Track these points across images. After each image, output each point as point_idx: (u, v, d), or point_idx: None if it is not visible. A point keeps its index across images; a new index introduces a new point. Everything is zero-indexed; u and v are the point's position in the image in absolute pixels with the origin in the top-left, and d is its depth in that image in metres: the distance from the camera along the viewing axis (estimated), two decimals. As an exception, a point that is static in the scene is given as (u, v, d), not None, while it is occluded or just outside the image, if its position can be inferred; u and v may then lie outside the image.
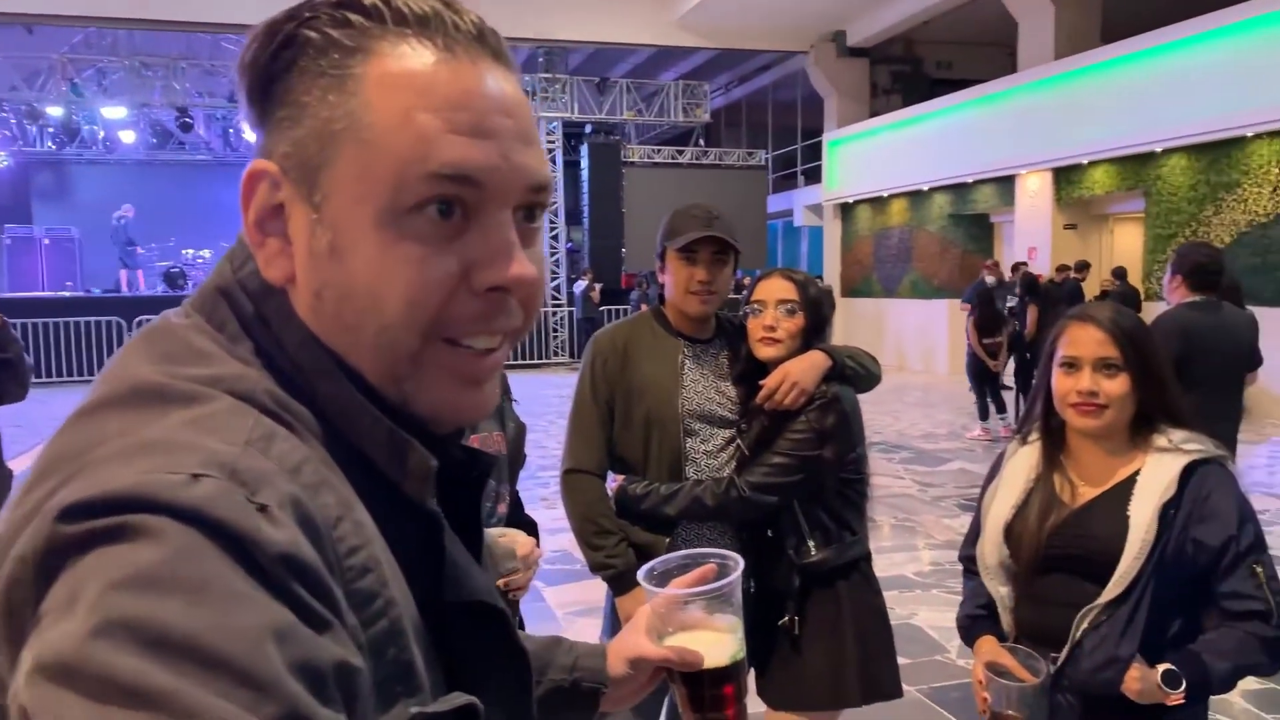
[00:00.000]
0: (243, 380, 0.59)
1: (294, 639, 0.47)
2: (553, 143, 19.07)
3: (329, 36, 0.60)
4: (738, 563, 0.96)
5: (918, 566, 5.46)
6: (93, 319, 15.41)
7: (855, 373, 2.24)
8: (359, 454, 0.62)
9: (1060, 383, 1.80)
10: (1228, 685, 1.71)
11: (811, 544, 2.17)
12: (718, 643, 0.94)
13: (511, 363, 17.37)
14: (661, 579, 0.98)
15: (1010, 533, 1.85)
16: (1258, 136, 10.90)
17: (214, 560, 0.47)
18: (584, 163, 19.37)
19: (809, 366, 2.15)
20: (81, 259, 19.06)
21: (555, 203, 19.04)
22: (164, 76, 17.61)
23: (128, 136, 19.55)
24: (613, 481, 2.27)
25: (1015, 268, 11.21)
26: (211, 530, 0.48)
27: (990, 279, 10.22)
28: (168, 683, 0.43)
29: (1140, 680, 1.66)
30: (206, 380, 0.58)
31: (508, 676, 0.70)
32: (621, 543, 2.19)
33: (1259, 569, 1.69)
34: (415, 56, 0.60)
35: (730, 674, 0.94)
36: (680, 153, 20.48)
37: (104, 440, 0.53)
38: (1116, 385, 1.75)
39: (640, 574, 0.99)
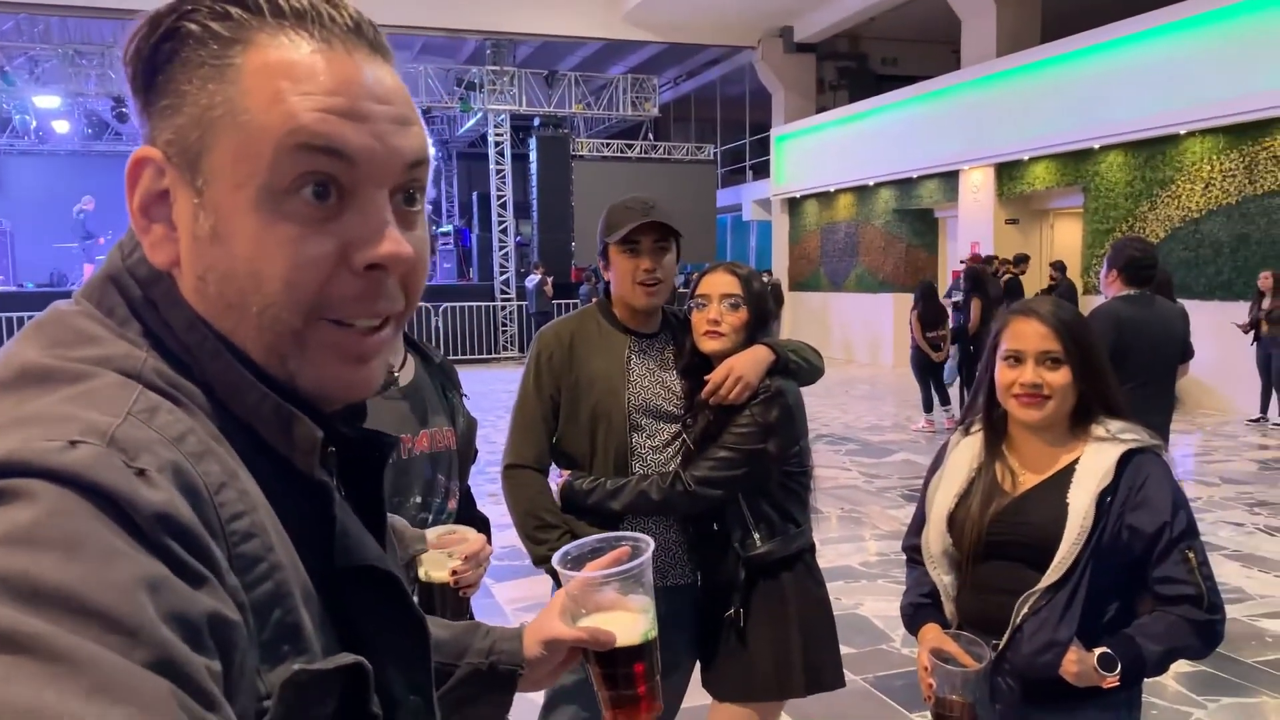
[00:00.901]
0: (130, 359, 0.61)
1: (167, 590, 0.49)
2: (500, 136, 18.95)
3: (209, 28, 0.62)
4: (649, 544, 1.00)
5: (863, 557, 5.52)
6: (26, 314, 14.97)
7: (799, 366, 2.25)
8: (248, 430, 0.64)
9: (1004, 375, 1.84)
10: (1161, 668, 1.76)
11: (756, 536, 2.18)
12: (631, 623, 0.98)
13: (461, 357, 17.29)
14: (576, 563, 1.02)
15: (953, 521, 1.88)
16: (1190, 134, 11.20)
17: (89, 519, 0.49)
18: (533, 156, 19.27)
19: (753, 361, 2.16)
20: (14, 252, 18.50)
21: (504, 196, 18.94)
22: (99, 65, 17.11)
23: (61, 126, 19.00)
24: (558, 476, 2.26)
25: (988, 260, 11.35)
26: (87, 491, 0.49)
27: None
28: (39, 629, 0.44)
29: (1078, 663, 1.70)
30: (94, 360, 0.60)
31: (404, 642, 0.72)
32: (564, 535, 2.18)
33: (1191, 554, 1.74)
34: (292, 47, 0.63)
35: (642, 652, 0.98)
36: (629, 146, 20.45)
37: None
38: (1059, 377, 1.79)
39: (555, 559, 1.03)
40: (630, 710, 1.00)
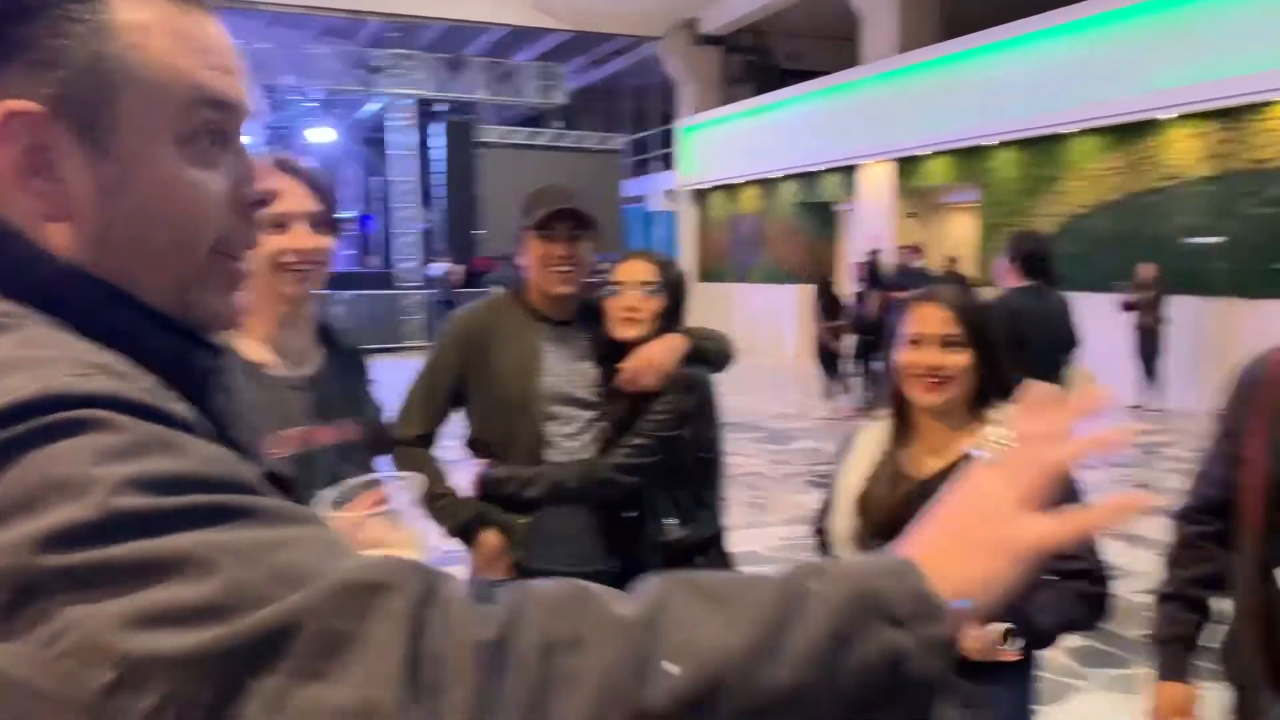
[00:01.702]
0: (24, 314, 0.60)
1: (243, 463, 0.56)
2: (404, 121, 18.58)
3: None
4: (410, 479, 1.09)
5: (769, 541, 5.62)
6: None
7: (712, 353, 2.28)
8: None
9: (905, 357, 1.89)
10: (1051, 639, 1.84)
11: (672, 522, 2.21)
12: (400, 554, 1.05)
13: (362, 346, 16.85)
14: (344, 506, 1.10)
15: (860, 504, 1.93)
16: (1079, 133, 11.69)
17: (154, 426, 0.52)
18: (437, 142, 18.94)
19: (668, 349, 2.18)
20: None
21: (408, 183, 18.60)
22: None
23: None
24: (475, 466, 2.25)
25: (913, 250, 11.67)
26: (133, 409, 0.53)
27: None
28: (195, 499, 0.49)
29: (977, 639, 1.76)
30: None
31: None
32: (457, 501, 2.20)
33: (1083, 532, 1.82)
34: (153, 6, 0.66)
35: None
36: (537, 135, 20.30)
37: None
38: (959, 360, 1.85)
39: (320, 500, 1.08)
40: None
